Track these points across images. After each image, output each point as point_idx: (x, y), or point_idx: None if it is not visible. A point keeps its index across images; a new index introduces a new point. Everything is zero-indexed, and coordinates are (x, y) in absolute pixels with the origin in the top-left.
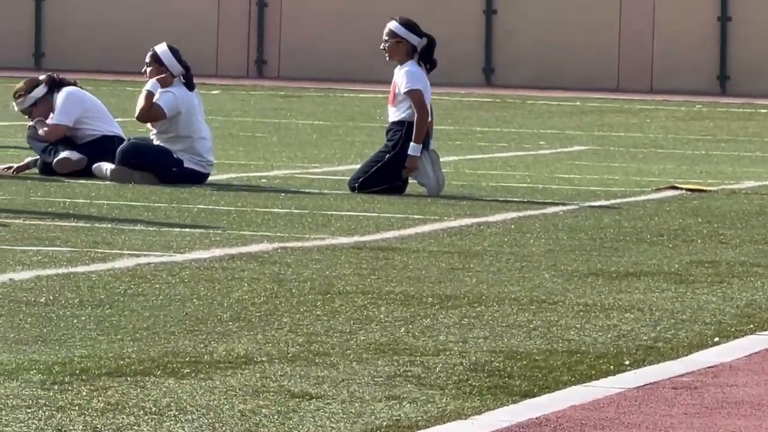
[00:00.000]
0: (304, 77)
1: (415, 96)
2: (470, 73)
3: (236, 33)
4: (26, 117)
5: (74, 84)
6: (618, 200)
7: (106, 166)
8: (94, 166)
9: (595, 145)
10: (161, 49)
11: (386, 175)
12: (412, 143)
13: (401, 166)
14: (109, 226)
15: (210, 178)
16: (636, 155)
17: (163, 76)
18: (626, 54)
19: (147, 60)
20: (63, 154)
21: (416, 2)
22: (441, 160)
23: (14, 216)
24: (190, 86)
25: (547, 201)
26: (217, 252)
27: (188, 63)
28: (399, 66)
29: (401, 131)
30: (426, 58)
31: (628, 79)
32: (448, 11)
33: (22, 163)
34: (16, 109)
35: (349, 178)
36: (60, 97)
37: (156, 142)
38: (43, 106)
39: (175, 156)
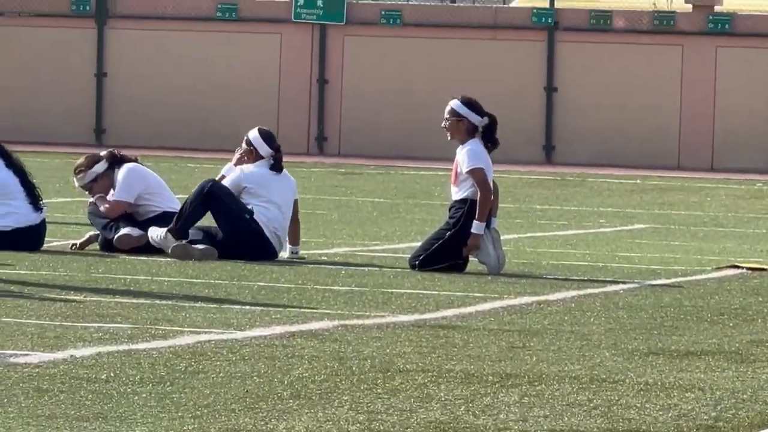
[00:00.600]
0: (364, 154)
1: (477, 175)
2: (531, 150)
3: (297, 110)
4: (87, 193)
5: (135, 160)
6: (678, 279)
7: (158, 234)
8: (151, 231)
9: (655, 223)
10: (253, 134)
11: (447, 253)
12: (475, 221)
13: (462, 244)
14: (170, 303)
15: None
16: (696, 234)
17: (237, 156)
18: (687, 132)
19: (243, 144)
20: (124, 230)
21: (476, 79)
22: (501, 238)
23: (75, 293)
24: (276, 167)
25: (607, 279)
26: (278, 329)
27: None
28: (461, 145)
29: (463, 209)
30: (488, 137)
31: (688, 157)
32: (509, 88)
33: (83, 239)
34: (76, 184)
35: (409, 255)
36: (121, 173)
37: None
38: (104, 182)
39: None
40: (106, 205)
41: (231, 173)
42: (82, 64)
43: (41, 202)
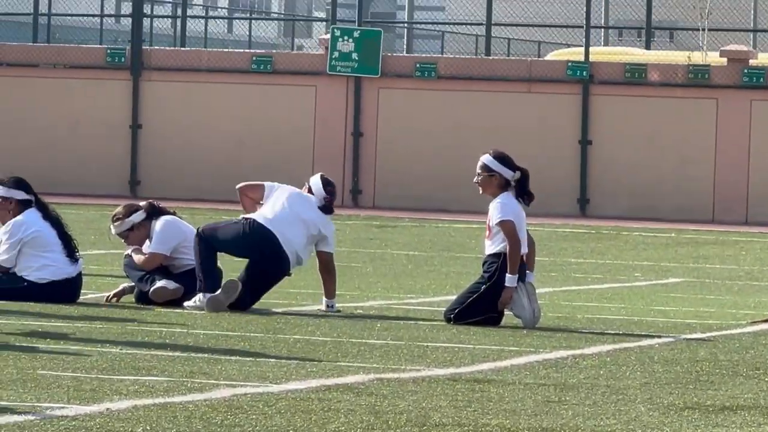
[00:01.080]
0: (399, 207)
1: (506, 227)
2: (565, 203)
3: (332, 162)
4: (122, 241)
5: (173, 213)
6: (714, 333)
7: (194, 302)
8: (186, 304)
9: (690, 277)
10: (314, 180)
11: (482, 307)
12: (507, 275)
13: (497, 298)
14: (206, 356)
15: (305, 308)
16: (731, 287)
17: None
18: (721, 185)
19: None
20: (159, 283)
21: (511, 133)
22: (537, 291)
23: (111, 345)
24: (326, 210)
25: (642, 333)
26: (313, 383)
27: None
28: (493, 199)
29: (497, 263)
30: (521, 191)
31: (723, 210)
32: (544, 141)
33: (118, 290)
34: (113, 231)
35: (444, 309)
36: (158, 225)
37: None
38: (140, 233)
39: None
40: (143, 257)
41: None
42: (118, 116)
43: (77, 255)
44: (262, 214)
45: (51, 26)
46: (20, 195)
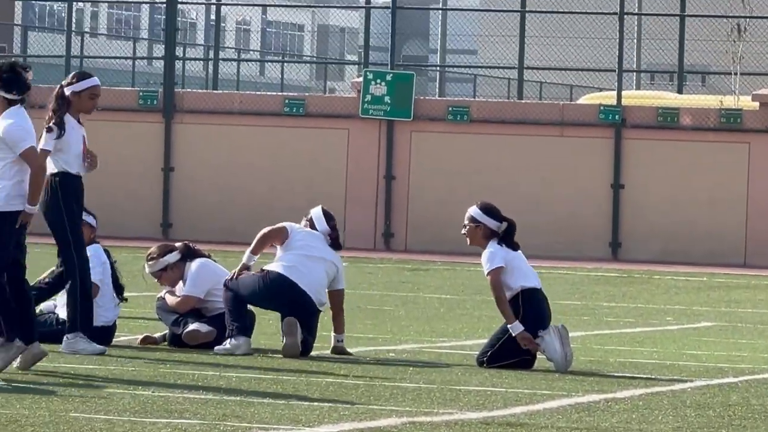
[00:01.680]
0: (431, 250)
1: (491, 279)
2: (597, 247)
3: (364, 205)
4: (156, 281)
5: (208, 256)
6: (746, 377)
7: (224, 348)
8: (217, 349)
9: (722, 321)
10: (315, 212)
11: (514, 348)
12: (507, 325)
13: (529, 332)
14: (238, 398)
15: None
16: (764, 332)
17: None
18: (753, 230)
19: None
20: (192, 326)
21: (544, 177)
22: (569, 335)
23: (143, 388)
24: (335, 246)
25: (674, 377)
26: (346, 426)
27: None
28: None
29: (518, 303)
30: (507, 241)
31: (755, 254)
32: (576, 186)
33: (151, 337)
34: (147, 270)
35: (477, 352)
36: (192, 267)
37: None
38: (174, 273)
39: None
40: (176, 299)
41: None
42: (150, 158)
43: (122, 299)
44: (281, 263)
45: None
46: (92, 220)
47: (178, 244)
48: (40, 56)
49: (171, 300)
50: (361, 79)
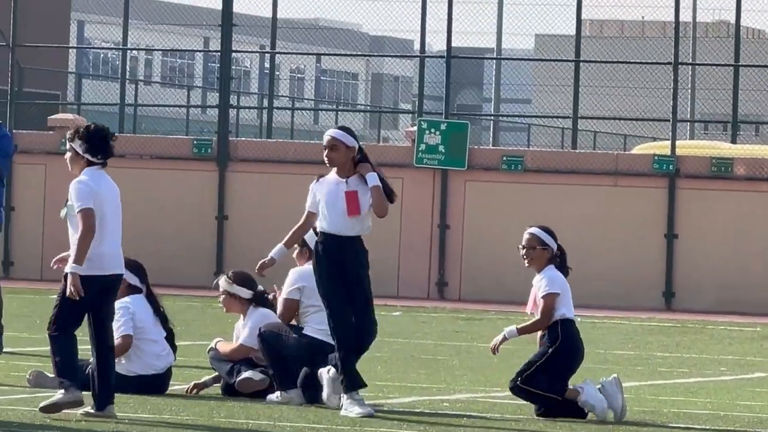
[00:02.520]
0: (485, 299)
1: (548, 301)
2: (651, 297)
3: (418, 254)
4: (219, 302)
5: (270, 306)
6: None
7: (276, 397)
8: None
9: None
10: (308, 234)
11: (549, 371)
12: (511, 327)
13: (563, 364)
14: None
15: (391, 401)
16: None
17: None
18: None
19: (295, 246)
20: (245, 374)
21: (597, 225)
22: (623, 385)
23: None
24: None
25: (729, 428)
26: None
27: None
28: (538, 273)
29: (557, 329)
30: (562, 265)
31: None
32: (630, 235)
33: (200, 381)
34: (220, 284)
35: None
36: (255, 317)
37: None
38: (235, 305)
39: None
40: (230, 348)
41: (288, 278)
42: (204, 207)
43: (174, 350)
44: (315, 326)
45: (137, 116)
46: (133, 280)
47: (260, 288)
48: (94, 104)
49: (224, 348)
50: (415, 128)
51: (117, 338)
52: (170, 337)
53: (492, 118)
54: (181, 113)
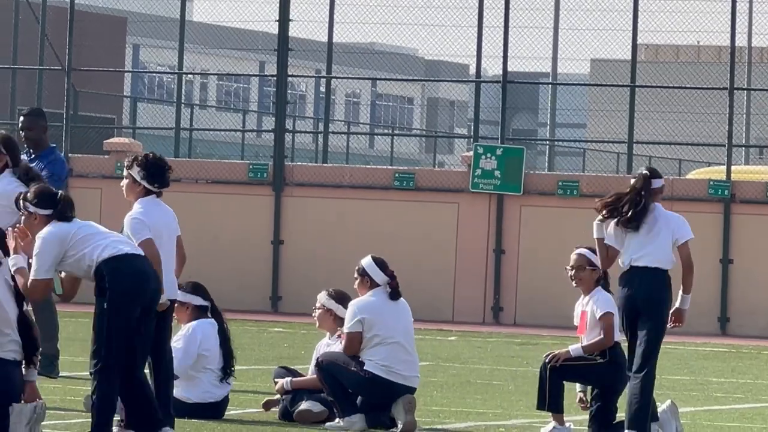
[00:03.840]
0: (540, 324)
1: (609, 320)
2: (706, 322)
3: (473, 279)
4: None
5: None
6: None
7: (337, 425)
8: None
9: None
10: (366, 261)
11: (588, 371)
12: (577, 347)
13: (607, 375)
14: None
15: (449, 425)
16: None
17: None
18: None
19: (355, 275)
20: (305, 404)
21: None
22: (679, 411)
23: None
24: (394, 295)
25: None
26: None
27: (421, 305)
28: (585, 295)
29: (608, 354)
30: (607, 288)
31: None
32: None
33: (273, 399)
34: (320, 299)
35: (585, 427)
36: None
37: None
38: (329, 322)
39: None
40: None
41: (348, 311)
42: (259, 232)
43: (232, 377)
44: (377, 360)
45: (192, 140)
46: (197, 301)
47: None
48: (149, 128)
49: (301, 384)
50: (471, 152)
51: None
52: (229, 362)
53: (547, 142)
54: (237, 137)
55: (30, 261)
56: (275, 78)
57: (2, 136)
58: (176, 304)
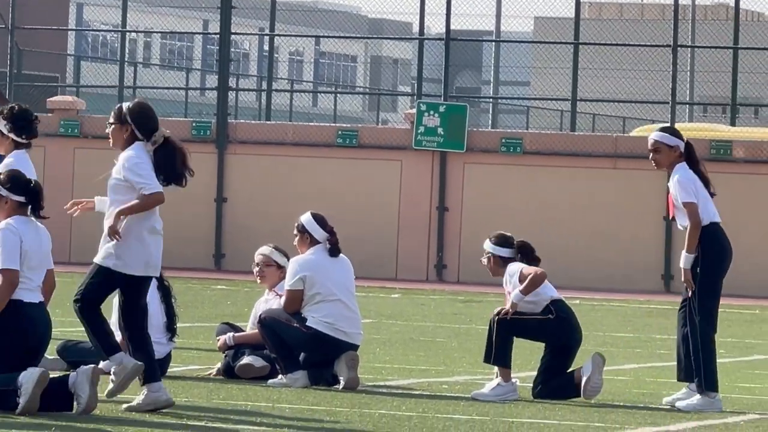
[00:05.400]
0: (484, 282)
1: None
2: (650, 279)
3: (416, 237)
4: (255, 271)
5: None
6: None
7: (279, 382)
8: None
9: None
10: (306, 218)
11: (543, 327)
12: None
13: (559, 329)
14: (291, 430)
15: (391, 382)
16: None
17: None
18: None
19: (294, 232)
20: (247, 359)
21: (596, 207)
22: (615, 367)
23: (196, 419)
24: (334, 252)
25: (727, 410)
26: None
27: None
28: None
29: (549, 306)
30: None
31: None
32: (629, 218)
33: (214, 369)
34: (264, 253)
35: (529, 384)
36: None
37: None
38: (274, 277)
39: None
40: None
41: (289, 268)
42: (202, 189)
43: (176, 335)
44: (320, 317)
45: (136, 98)
46: None
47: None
48: (93, 86)
49: (243, 339)
50: (414, 110)
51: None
52: (171, 321)
53: (491, 100)
54: (180, 95)
55: None
56: (218, 36)
57: None
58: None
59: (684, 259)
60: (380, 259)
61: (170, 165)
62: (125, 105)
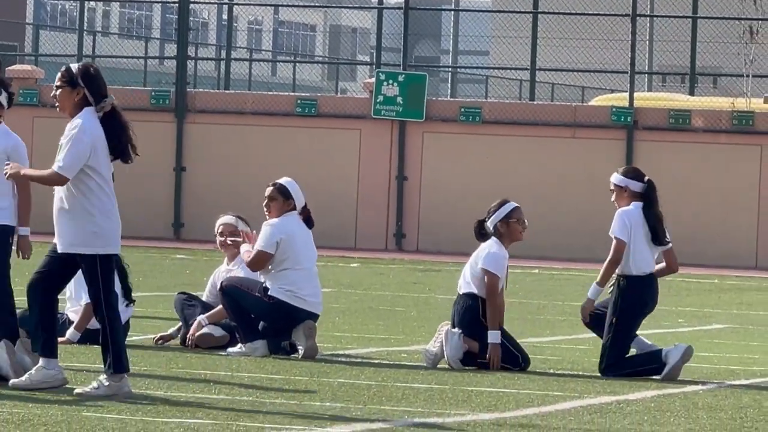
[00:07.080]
0: (443, 251)
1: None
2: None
3: (375, 206)
4: (218, 241)
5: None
6: (758, 380)
7: (238, 350)
8: (230, 351)
9: (733, 323)
10: (293, 187)
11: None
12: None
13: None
14: (251, 399)
15: (350, 351)
16: None
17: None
18: (765, 231)
19: (272, 195)
20: (205, 329)
21: (556, 178)
22: (574, 336)
23: (155, 388)
24: (309, 223)
25: (686, 380)
26: (358, 426)
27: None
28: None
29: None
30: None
31: (767, 256)
32: (588, 187)
33: (166, 333)
34: (225, 220)
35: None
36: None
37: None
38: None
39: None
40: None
41: (261, 235)
42: (161, 159)
43: (132, 300)
44: (283, 285)
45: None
46: None
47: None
48: (51, 55)
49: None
50: (373, 79)
51: None
52: (127, 287)
53: (450, 69)
54: (139, 64)
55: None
56: (177, 5)
57: None
58: None
59: (591, 290)
60: (340, 228)
61: (116, 138)
62: (74, 66)
